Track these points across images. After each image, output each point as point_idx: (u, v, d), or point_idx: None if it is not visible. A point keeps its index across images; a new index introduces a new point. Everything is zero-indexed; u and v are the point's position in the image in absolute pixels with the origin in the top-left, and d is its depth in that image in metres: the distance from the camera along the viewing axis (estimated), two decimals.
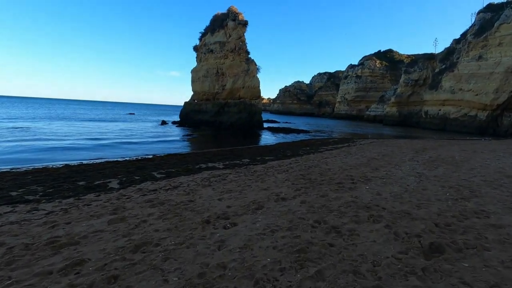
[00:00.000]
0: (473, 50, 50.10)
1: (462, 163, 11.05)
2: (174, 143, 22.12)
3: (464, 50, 52.21)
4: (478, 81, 47.86)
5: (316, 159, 13.00)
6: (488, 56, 47.52)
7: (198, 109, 41.12)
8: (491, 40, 47.32)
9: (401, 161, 11.81)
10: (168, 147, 20.18)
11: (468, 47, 51.05)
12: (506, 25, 45.72)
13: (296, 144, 22.01)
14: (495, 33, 46.86)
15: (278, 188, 7.23)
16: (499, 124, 45.97)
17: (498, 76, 45.34)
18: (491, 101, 45.69)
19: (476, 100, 47.97)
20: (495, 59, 46.60)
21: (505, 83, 44.61)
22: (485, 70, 47.32)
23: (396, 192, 6.64)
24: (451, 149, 16.83)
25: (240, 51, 36.64)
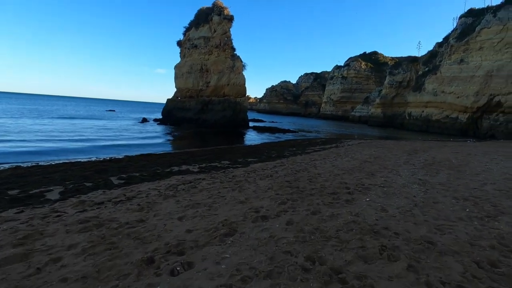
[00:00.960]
0: (455, 54, 50.48)
1: (462, 168, 9.95)
2: (151, 142, 20.23)
3: (447, 53, 52.61)
4: (459, 84, 48.22)
5: (303, 161, 11.62)
6: (469, 59, 47.91)
7: (181, 106, 39.12)
8: (472, 44, 47.74)
9: (396, 164, 10.60)
10: (144, 146, 18.32)
11: (450, 51, 51.43)
12: (486, 30, 46.17)
13: (282, 144, 20.63)
14: (476, 38, 47.27)
15: (259, 201, 5.73)
16: (479, 127, 46.42)
17: (479, 79, 45.73)
18: (472, 104, 46.06)
19: (457, 102, 48.32)
20: (475, 62, 47.03)
21: (485, 86, 45.02)
22: (466, 74, 47.69)
23: (404, 206, 5.29)
24: (442, 151, 15.90)
25: (225, 47, 34.90)
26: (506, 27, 43.64)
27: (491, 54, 44.88)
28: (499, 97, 43.04)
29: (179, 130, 31.27)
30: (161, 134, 26.39)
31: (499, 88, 42.99)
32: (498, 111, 43.41)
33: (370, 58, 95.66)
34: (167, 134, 26.55)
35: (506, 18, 43.85)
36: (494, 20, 45.08)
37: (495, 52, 44.52)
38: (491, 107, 44.02)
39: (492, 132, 42.98)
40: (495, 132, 42.52)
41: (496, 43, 44.38)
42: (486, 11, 48.42)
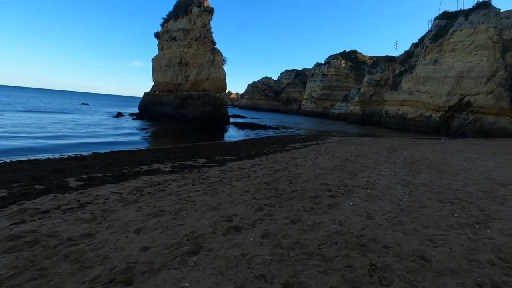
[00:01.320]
0: (430, 54, 52.04)
1: (441, 167, 9.83)
2: (124, 140, 18.96)
3: (422, 54, 54.14)
4: (433, 84, 49.82)
5: (284, 159, 11.09)
6: (443, 60, 49.56)
7: (159, 101, 37.49)
8: (446, 45, 49.38)
9: (377, 163, 10.32)
10: (116, 143, 17.06)
11: (425, 51, 52.95)
12: (458, 32, 47.87)
13: (263, 141, 20.06)
14: (449, 39, 48.92)
15: (233, 206, 5.09)
16: (450, 125, 48.28)
17: (451, 80, 47.43)
18: (444, 103, 47.75)
19: (431, 101, 49.93)
20: (448, 63, 48.71)
21: (456, 86, 46.78)
22: (439, 74, 49.33)
23: (390, 212, 4.86)
24: (419, 149, 16.00)
25: (205, 40, 33.65)
26: (476, 31, 45.45)
27: (462, 56, 46.64)
28: (469, 97, 44.89)
29: (156, 125, 29.88)
30: (136, 130, 24.99)
31: (469, 89, 44.84)
32: (467, 110, 45.30)
33: (349, 56, 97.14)
34: (142, 130, 25.17)
35: (477, 21, 45.65)
36: (466, 23, 46.81)
37: (466, 54, 46.31)
38: (462, 106, 45.85)
39: (462, 130, 44.82)
40: (464, 131, 44.36)
41: (467, 45, 46.15)
42: (459, 14, 50.18)
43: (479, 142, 24.89)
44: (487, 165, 10.24)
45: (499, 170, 9.38)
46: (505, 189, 6.70)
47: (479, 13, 46.21)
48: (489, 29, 44.12)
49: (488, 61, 43.55)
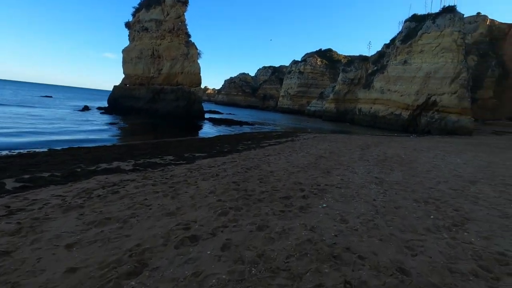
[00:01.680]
0: (400, 55, 53.91)
1: (413, 164, 9.82)
2: (86, 134, 17.50)
3: (393, 54, 55.97)
4: (403, 84, 51.70)
5: (257, 156, 10.59)
6: (412, 61, 51.53)
7: (130, 94, 35.54)
8: (415, 47, 51.36)
9: (351, 160, 10.13)
10: (77, 140, 15.64)
11: (396, 52, 54.78)
12: (426, 35, 49.95)
13: (237, 138, 19.45)
14: (418, 41, 50.91)
15: (194, 211, 4.48)
16: (418, 123, 50.45)
17: (419, 80, 49.47)
18: (413, 102, 49.76)
19: (400, 100, 51.82)
20: (417, 64, 50.72)
21: (423, 86, 48.88)
22: (409, 74, 51.27)
23: (365, 214, 4.49)
24: (391, 146, 16.21)
25: (179, 32, 32.20)
26: (442, 34, 47.65)
27: (429, 57, 48.76)
28: (435, 97, 47.10)
29: (126, 120, 28.20)
30: (102, 125, 23.31)
31: (435, 89, 47.02)
32: (434, 109, 47.52)
33: (325, 55, 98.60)
34: (110, 125, 23.55)
35: (443, 25, 47.87)
36: (433, 26, 48.95)
37: (433, 56, 48.48)
38: (428, 105, 48.03)
39: (428, 128, 46.99)
40: (431, 128, 46.54)
41: (434, 48, 48.32)
42: (427, 17, 52.34)
43: (444, 140, 26.01)
44: (455, 162, 10.41)
45: (466, 167, 9.52)
46: (475, 186, 6.66)
47: (445, 17, 48.49)
48: (454, 33, 46.42)
49: (452, 63, 45.86)
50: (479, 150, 15.64)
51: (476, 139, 27.31)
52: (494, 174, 8.35)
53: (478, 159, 11.61)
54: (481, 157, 12.30)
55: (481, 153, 14.21)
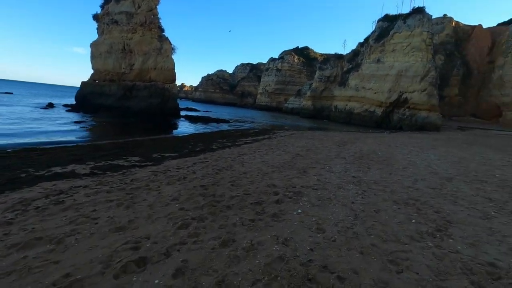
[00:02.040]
0: (374, 54, 55.27)
1: (389, 161, 9.68)
2: (47, 135, 15.97)
3: (367, 53, 57.27)
4: (376, 81, 53.08)
5: (231, 156, 9.98)
6: (385, 60, 52.99)
7: (100, 91, 33.40)
8: (387, 46, 52.82)
9: (328, 158, 9.82)
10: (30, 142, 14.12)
11: (370, 51, 56.08)
12: (398, 34, 51.54)
13: (213, 136, 18.69)
14: (390, 41, 52.40)
15: (149, 224, 3.82)
16: (391, 120, 52.09)
17: (391, 78, 51.00)
18: (386, 99, 51.24)
19: (374, 98, 53.20)
20: (389, 63, 52.23)
21: (396, 84, 50.47)
22: (382, 72, 52.69)
23: (344, 220, 4.06)
24: (367, 142, 16.23)
25: (151, 26, 30.57)
26: (412, 34, 49.37)
27: (401, 56, 50.37)
28: (406, 94, 48.79)
29: (95, 118, 26.40)
30: (67, 123, 21.54)
31: (406, 86, 48.69)
32: (405, 106, 49.22)
33: (302, 52, 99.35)
34: (75, 123, 21.80)
35: (413, 25, 49.59)
36: (404, 26, 50.57)
37: (404, 55, 50.14)
38: (400, 102, 49.68)
39: (400, 125, 48.64)
40: (402, 125, 48.20)
41: (405, 47, 49.97)
42: (398, 17, 53.99)
43: (415, 136, 26.79)
44: (429, 159, 10.42)
45: (440, 163, 9.52)
46: (452, 184, 6.50)
47: (415, 17, 50.26)
48: (423, 33, 48.21)
49: (422, 62, 47.65)
50: (449, 145, 16.04)
51: (444, 135, 28.43)
52: (467, 170, 8.36)
53: (450, 155, 11.76)
54: (452, 153, 12.51)
55: (452, 148, 14.54)
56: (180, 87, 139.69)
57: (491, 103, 57.81)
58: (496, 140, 22.66)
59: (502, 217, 4.37)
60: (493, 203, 5.11)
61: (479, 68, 62.98)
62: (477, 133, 38.57)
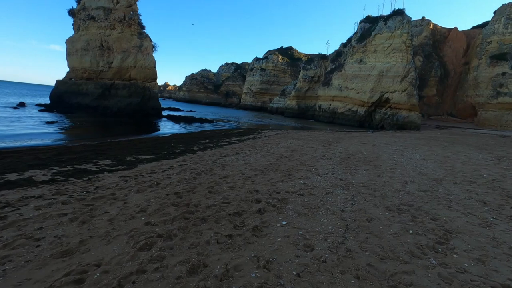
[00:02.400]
0: (356, 54, 55.94)
1: (376, 161, 9.36)
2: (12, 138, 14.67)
3: (349, 53, 57.92)
4: (359, 81, 53.76)
5: (212, 157, 9.34)
6: (367, 60, 53.75)
7: (76, 90, 31.69)
8: (369, 47, 53.61)
9: (314, 159, 9.37)
10: None
11: (352, 51, 56.73)
12: (379, 35, 52.41)
13: (195, 136, 17.91)
14: (372, 41, 53.20)
15: (104, 244, 3.15)
16: (373, 119, 52.89)
17: (373, 78, 51.78)
18: (368, 99, 51.98)
19: (357, 97, 53.86)
20: (371, 63, 53.03)
21: (377, 84, 51.30)
22: (364, 72, 53.42)
23: (335, 233, 3.55)
24: (351, 142, 16.01)
25: (131, 22, 29.19)
26: (393, 35, 50.33)
27: (382, 57, 51.25)
28: (388, 94, 49.68)
29: (71, 118, 24.90)
30: (38, 124, 20.07)
31: (387, 87, 49.58)
32: (387, 106, 50.11)
33: (286, 52, 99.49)
34: (47, 124, 20.36)
35: (394, 27, 50.55)
36: (385, 27, 51.47)
37: (385, 55, 51.03)
38: (382, 102, 50.54)
39: (382, 124, 49.48)
40: (384, 124, 49.05)
41: (386, 48, 50.89)
42: (380, 19, 54.94)
43: (397, 134, 27.07)
44: (415, 158, 10.21)
45: (426, 163, 9.29)
46: (442, 186, 6.18)
47: (396, 19, 51.24)
48: (403, 34, 49.24)
49: (402, 62, 48.64)
50: (431, 144, 16.09)
51: (425, 134, 28.91)
52: (454, 170, 8.14)
53: (434, 154, 11.64)
54: (436, 152, 12.43)
55: (434, 147, 14.54)
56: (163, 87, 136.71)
57: (467, 103, 59.99)
58: (475, 138, 23.20)
59: (502, 224, 4.02)
60: (489, 207, 4.78)
61: (455, 69, 65.28)
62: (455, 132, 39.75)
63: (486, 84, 56.18)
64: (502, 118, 52.20)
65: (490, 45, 58.71)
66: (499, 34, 58.53)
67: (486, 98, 55.54)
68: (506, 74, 53.18)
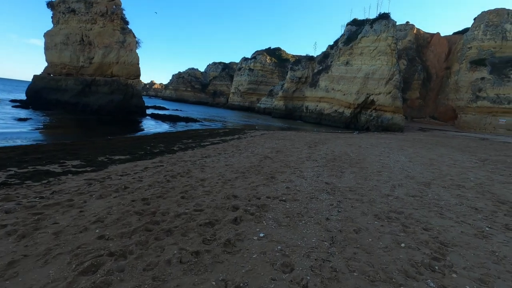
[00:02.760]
0: (343, 56, 56.37)
1: (362, 163, 9.04)
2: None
3: (336, 55, 58.32)
4: (345, 83, 54.17)
5: (192, 158, 8.75)
6: (353, 62, 54.26)
7: (55, 86, 30.15)
8: (355, 49, 54.14)
9: (299, 160, 8.95)
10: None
11: (339, 53, 57.14)
12: (365, 38, 53.01)
13: (178, 135, 17.20)
14: (358, 44, 53.74)
15: (40, 266, 2.54)
16: (358, 120, 53.43)
17: (359, 80, 52.29)
18: (354, 101, 52.45)
19: (343, 99, 54.26)
20: (357, 66, 53.55)
21: (363, 86, 51.82)
22: (350, 74, 53.88)
23: (318, 248, 3.09)
24: (338, 143, 15.76)
25: (113, 17, 27.96)
26: (379, 38, 51.02)
27: (368, 60, 51.84)
28: (373, 96, 50.27)
29: (47, 116, 23.54)
30: (8, 121, 18.79)
31: (373, 89, 50.18)
32: (372, 108, 50.71)
33: (274, 53, 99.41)
34: (19, 121, 19.08)
35: (379, 30, 51.26)
36: (371, 30, 52.11)
37: (371, 58, 51.64)
38: (367, 104, 51.10)
39: (367, 125, 50.02)
40: (369, 125, 49.60)
41: (372, 51, 51.51)
42: (366, 22, 55.59)
43: (382, 136, 27.24)
44: (402, 160, 9.99)
45: (413, 165, 9.06)
46: (431, 191, 5.88)
47: (381, 23, 51.96)
48: (388, 38, 49.99)
49: (387, 65, 49.34)
50: (415, 146, 16.07)
51: (409, 136, 29.26)
52: (441, 173, 7.91)
53: (419, 156, 11.50)
54: (421, 154, 12.31)
55: (419, 149, 14.48)
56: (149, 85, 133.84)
57: (448, 106, 61.67)
58: (456, 141, 23.58)
59: (498, 234, 3.69)
60: (481, 214, 4.48)
61: (437, 73, 67.04)
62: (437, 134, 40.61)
63: (466, 88, 57.94)
64: (480, 121, 53.89)
65: (470, 51, 60.61)
66: (479, 40, 60.50)
67: (466, 102, 57.27)
68: (484, 79, 55.01)
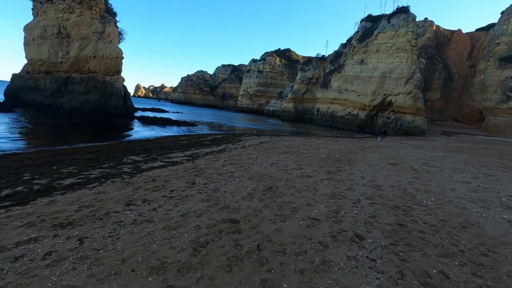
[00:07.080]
0: (357, 54, 50.54)
1: (471, 228, 3.66)
2: None
3: (350, 54, 52.52)
4: (360, 83, 48.32)
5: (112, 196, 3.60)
6: (368, 61, 48.35)
7: (33, 85, 26.00)
8: (371, 46, 48.20)
9: (313, 207, 3.65)
10: None
11: (353, 51, 51.33)
12: (382, 34, 47.02)
13: (141, 145, 12.16)
14: (374, 41, 47.81)
15: None
16: (374, 123, 47.29)
17: (375, 80, 46.32)
18: (369, 102, 46.49)
19: (358, 100, 48.39)
20: (373, 64, 47.62)
21: (380, 86, 45.80)
22: (365, 74, 47.99)
23: None
24: (370, 160, 10.28)
25: (91, 4, 23.44)
26: (397, 34, 44.90)
27: (385, 57, 45.81)
28: (391, 97, 44.16)
29: (11, 120, 19.15)
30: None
31: (390, 89, 44.10)
32: (390, 109, 44.58)
33: (284, 54, 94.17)
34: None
35: (398, 25, 45.18)
36: (389, 26, 46.09)
37: (388, 56, 45.59)
38: (384, 106, 45.01)
39: (385, 129, 43.88)
40: (387, 129, 43.46)
41: (390, 47, 45.46)
42: (382, 17, 49.55)
43: (413, 143, 21.51)
44: (497, 188, 4.49)
45: None
46: None
47: (400, 17, 45.83)
48: (408, 33, 43.82)
49: (407, 63, 43.21)
50: (465, 157, 10.37)
51: (442, 142, 23.29)
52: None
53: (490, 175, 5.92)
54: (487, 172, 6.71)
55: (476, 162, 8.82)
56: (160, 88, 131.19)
57: (473, 108, 54.59)
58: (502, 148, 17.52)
59: None
60: None
61: (459, 72, 59.98)
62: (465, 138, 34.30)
63: (495, 88, 50.79)
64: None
65: (498, 47, 53.29)
66: (508, 35, 53.12)
67: (494, 103, 50.14)
68: None
